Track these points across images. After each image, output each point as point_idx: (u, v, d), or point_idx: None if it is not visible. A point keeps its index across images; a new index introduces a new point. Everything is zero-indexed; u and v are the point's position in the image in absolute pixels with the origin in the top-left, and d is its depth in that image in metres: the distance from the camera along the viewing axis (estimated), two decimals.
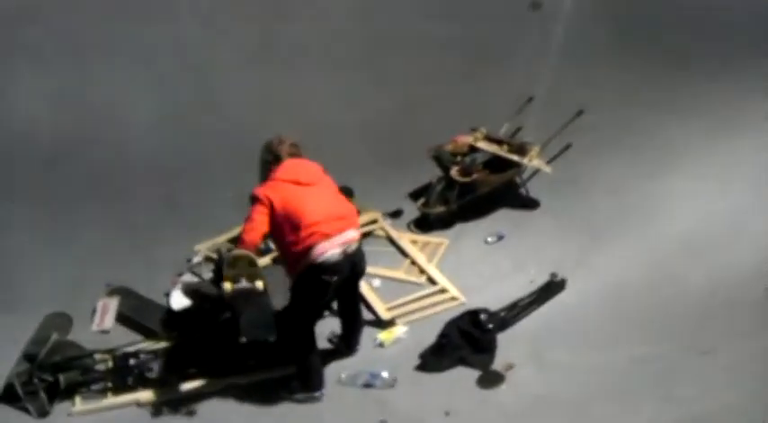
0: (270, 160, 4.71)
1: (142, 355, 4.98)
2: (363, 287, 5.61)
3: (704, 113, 6.38)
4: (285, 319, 4.77)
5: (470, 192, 6.26)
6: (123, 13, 6.98)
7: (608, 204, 6.05)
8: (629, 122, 6.52)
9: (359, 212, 6.00)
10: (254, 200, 4.56)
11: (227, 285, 4.52)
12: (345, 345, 5.15)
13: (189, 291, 5.34)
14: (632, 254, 5.55)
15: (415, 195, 6.58)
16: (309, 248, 4.47)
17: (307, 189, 4.57)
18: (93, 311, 5.47)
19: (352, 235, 4.64)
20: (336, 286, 4.65)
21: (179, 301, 5.28)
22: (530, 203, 6.36)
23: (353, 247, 4.64)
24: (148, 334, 5.27)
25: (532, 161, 6.25)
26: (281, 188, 4.55)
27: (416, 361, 5.02)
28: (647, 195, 5.97)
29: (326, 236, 4.48)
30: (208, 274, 5.60)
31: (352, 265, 4.68)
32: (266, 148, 4.75)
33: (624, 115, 6.55)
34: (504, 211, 6.38)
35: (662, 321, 4.94)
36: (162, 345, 5.14)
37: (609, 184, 6.18)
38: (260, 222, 4.51)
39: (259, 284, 4.58)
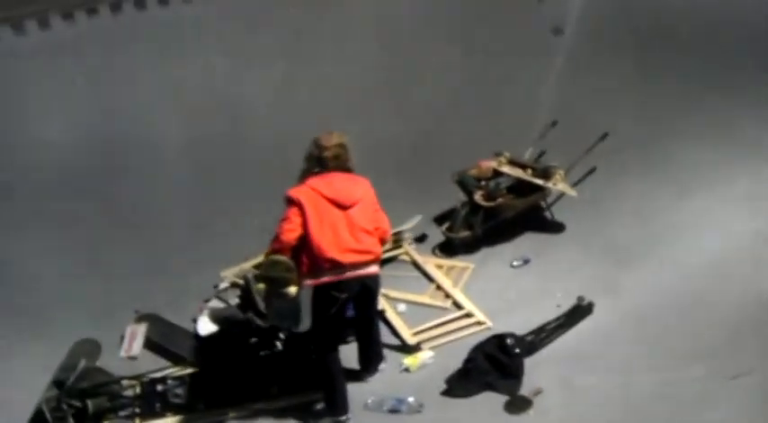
0: (315, 155, 4.67)
1: (169, 382, 5.00)
2: (389, 312, 5.65)
3: (729, 137, 6.34)
4: (309, 342, 4.79)
5: (495, 216, 6.27)
6: (152, 44, 7.11)
7: (633, 227, 6.01)
8: (653, 145, 6.51)
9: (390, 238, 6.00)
10: (290, 201, 4.57)
11: (261, 286, 4.61)
12: (362, 367, 5.13)
13: (216, 317, 5.40)
14: (659, 277, 5.50)
15: (439, 220, 6.60)
16: (317, 273, 4.51)
17: (339, 214, 4.55)
18: (122, 338, 5.53)
19: (368, 270, 4.65)
20: (344, 303, 4.65)
21: (206, 326, 5.33)
22: (555, 227, 6.35)
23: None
24: (176, 360, 5.30)
25: (557, 185, 6.24)
26: (316, 202, 4.54)
27: (443, 386, 4.99)
28: (672, 218, 5.93)
29: (337, 267, 4.51)
30: (234, 299, 5.67)
31: (362, 286, 4.68)
32: (314, 143, 4.72)
33: (648, 138, 6.54)
34: (529, 235, 6.37)
35: (690, 345, 4.87)
36: (189, 371, 5.17)
37: (634, 207, 6.15)
38: (297, 224, 4.52)
39: (292, 290, 4.62)
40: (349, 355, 5.12)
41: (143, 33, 7.16)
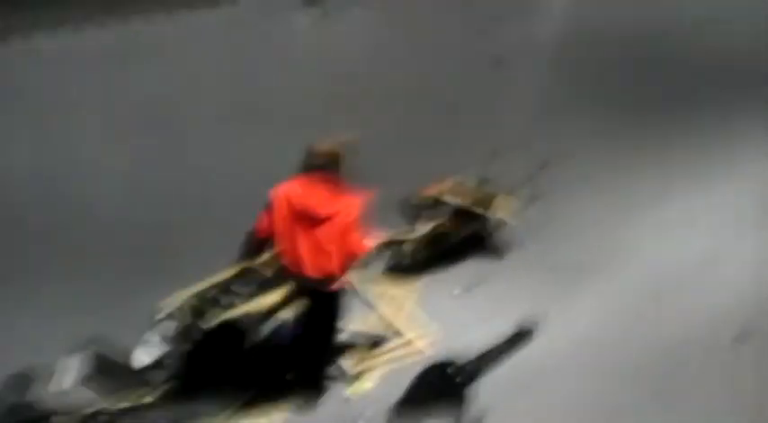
0: (307, 161, 4.71)
1: (103, 416, 4.87)
2: None
3: (670, 161, 6.49)
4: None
5: (438, 242, 6.26)
6: (90, 68, 7.01)
7: (577, 250, 6.10)
8: (597, 167, 6.61)
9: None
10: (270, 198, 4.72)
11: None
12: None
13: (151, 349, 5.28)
14: (603, 300, 5.59)
15: (384, 245, 6.56)
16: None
17: (304, 228, 4.63)
18: (54, 371, 5.34)
19: (319, 287, 4.71)
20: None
21: (142, 358, 5.19)
22: (498, 252, 6.37)
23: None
24: (110, 393, 5.14)
25: (497, 213, 6.28)
26: (285, 210, 4.67)
27: (386, 415, 4.96)
28: (614, 240, 6.05)
29: (293, 273, 4.80)
30: (172, 330, 5.53)
31: (314, 297, 4.85)
32: (308, 148, 4.76)
33: (591, 162, 6.65)
34: (473, 260, 6.38)
35: (633, 368, 4.96)
36: (123, 405, 5.02)
37: (578, 229, 6.24)
38: (265, 221, 4.81)
39: None
40: None
41: (82, 54, 7.08)
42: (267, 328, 5.58)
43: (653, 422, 4.57)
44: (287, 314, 5.27)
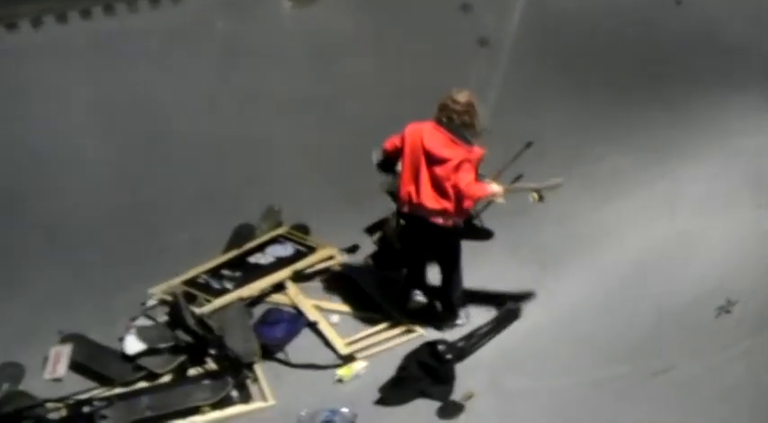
0: (444, 103, 5.14)
1: (96, 403, 4.89)
2: (322, 323, 5.64)
3: (650, 143, 6.53)
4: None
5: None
6: (75, 57, 6.98)
7: (559, 233, 6.13)
8: (576, 152, 6.65)
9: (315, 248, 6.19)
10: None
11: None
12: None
13: (144, 335, 5.32)
14: (584, 280, 5.64)
15: (370, 230, 6.61)
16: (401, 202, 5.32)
17: (425, 164, 5.12)
18: (46, 360, 5.37)
19: (435, 219, 5.17)
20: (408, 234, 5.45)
21: (133, 345, 5.23)
22: (484, 234, 6.41)
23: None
24: (102, 381, 5.18)
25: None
26: (415, 143, 5.16)
27: (376, 395, 5.02)
28: (596, 223, 6.08)
29: (410, 203, 5.23)
30: (163, 317, 5.58)
31: (428, 229, 5.22)
32: (447, 94, 5.18)
33: (572, 145, 6.69)
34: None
35: (615, 344, 5.03)
36: (116, 391, 5.06)
37: (559, 212, 6.25)
38: (394, 144, 5.35)
39: None
40: None
41: (66, 47, 7.04)
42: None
43: (638, 397, 4.63)
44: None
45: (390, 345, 5.47)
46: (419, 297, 5.64)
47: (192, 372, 5.27)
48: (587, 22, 7.55)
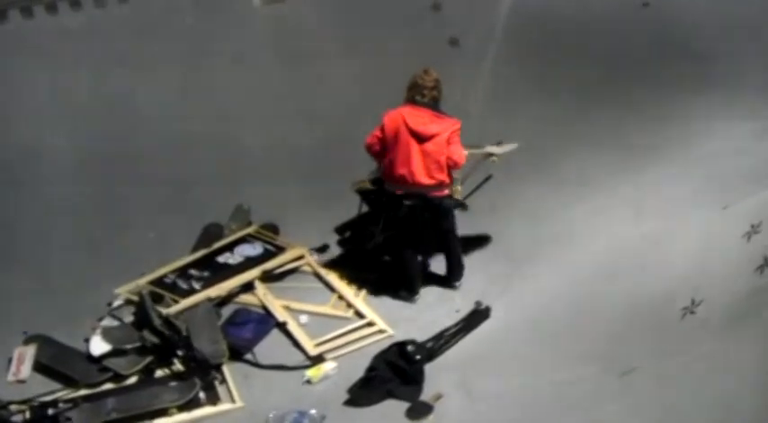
0: (415, 82, 5.40)
1: (60, 405, 4.82)
2: (291, 324, 5.61)
3: (615, 144, 6.61)
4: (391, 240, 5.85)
5: (395, 225, 6.28)
6: (40, 52, 6.86)
7: (527, 232, 6.17)
8: (543, 153, 6.70)
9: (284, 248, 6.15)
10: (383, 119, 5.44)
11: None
12: (448, 276, 5.91)
13: (109, 335, 5.25)
14: (552, 279, 5.68)
15: (340, 230, 6.59)
16: (391, 184, 5.52)
17: (415, 144, 5.34)
18: (9, 361, 5.27)
19: (433, 192, 5.46)
20: (409, 214, 5.53)
21: (99, 346, 5.16)
22: (463, 205, 6.37)
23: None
24: (67, 382, 5.10)
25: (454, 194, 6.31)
26: (398, 127, 5.36)
27: (345, 396, 5.01)
28: (563, 223, 6.12)
29: (405, 182, 5.42)
30: (129, 317, 5.51)
31: (428, 203, 5.48)
32: (417, 74, 5.44)
33: (540, 146, 6.72)
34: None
35: (583, 345, 5.07)
36: (81, 393, 4.99)
37: (527, 212, 6.33)
38: (376, 138, 5.50)
39: None
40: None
41: (31, 42, 6.92)
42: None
43: (607, 397, 4.68)
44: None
45: (360, 345, 5.46)
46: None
47: (159, 373, 5.21)
48: (556, 24, 7.61)
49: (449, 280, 5.91)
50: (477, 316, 5.52)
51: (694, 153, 6.14)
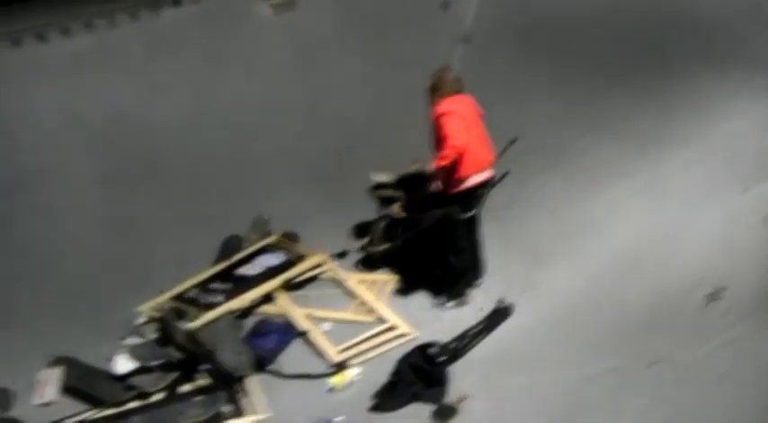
0: (439, 83, 5.49)
1: None
2: (314, 332, 5.59)
3: (633, 132, 6.47)
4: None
5: (414, 226, 6.25)
6: (55, 74, 6.94)
7: (547, 226, 6.10)
8: (560, 145, 6.60)
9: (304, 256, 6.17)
10: (443, 115, 5.31)
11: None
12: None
13: (134, 353, 5.28)
14: (574, 273, 5.60)
15: (358, 233, 6.56)
16: (469, 176, 5.43)
17: (477, 120, 5.47)
18: (35, 384, 5.33)
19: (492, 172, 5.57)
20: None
21: (123, 365, 5.20)
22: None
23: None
24: (94, 402, 5.14)
25: None
26: (468, 114, 5.41)
27: (371, 402, 4.99)
28: (583, 215, 6.03)
29: (485, 168, 5.50)
30: (152, 334, 5.54)
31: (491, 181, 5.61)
32: (436, 76, 5.55)
33: (556, 138, 6.64)
34: None
35: (608, 337, 4.98)
36: (108, 413, 5.02)
37: (547, 206, 6.24)
38: (462, 129, 5.31)
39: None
40: None
41: (46, 64, 7.00)
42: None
43: (635, 389, 4.59)
44: None
45: (383, 349, 5.43)
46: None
47: (184, 388, 5.23)
48: (567, 15, 7.48)
49: (476, 277, 5.83)
50: (500, 314, 5.46)
51: (711, 136, 5.99)
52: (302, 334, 5.61)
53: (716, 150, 5.84)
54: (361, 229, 6.54)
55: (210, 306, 5.73)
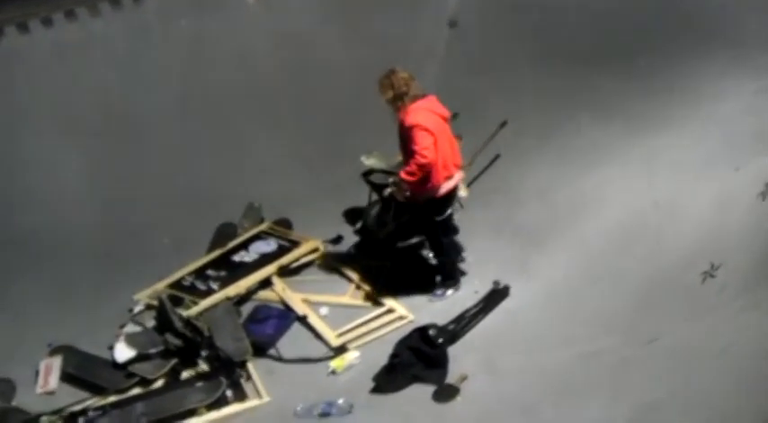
0: (401, 92, 5.19)
1: (90, 413, 4.87)
2: (311, 317, 5.63)
3: (622, 113, 6.53)
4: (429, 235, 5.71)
5: (407, 210, 6.29)
6: (39, 66, 6.86)
7: (539, 208, 6.14)
8: (550, 127, 6.65)
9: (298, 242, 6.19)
10: (414, 128, 5.10)
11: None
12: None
13: (133, 341, 5.29)
14: (568, 253, 5.66)
15: (351, 218, 6.60)
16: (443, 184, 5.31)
17: (445, 126, 5.31)
18: (36, 373, 5.33)
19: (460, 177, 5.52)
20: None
21: (123, 352, 5.20)
22: (465, 216, 6.40)
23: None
24: (95, 390, 5.15)
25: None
26: (436, 121, 5.20)
27: (371, 384, 5.02)
28: (575, 195, 6.07)
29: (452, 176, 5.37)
30: (150, 322, 5.54)
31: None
32: (394, 81, 5.24)
33: (546, 120, 6.69)
34: None
35: (605, 316, 5.05)
36: (110, 399, 5.03)
37: (538, 188, 6.29)
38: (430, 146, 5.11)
39: None
40: None
41: (30, 56, 6.92)
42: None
43: (635, 366, 4.65)
44: None
45: (381, 333, 5.48)
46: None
47: (185, 374, 5.25)
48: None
49: (458, 253, 5.86)
50: (497, 295, 5.52)
51: (702, 116, 6.06)
52: (301, 318, 5.64)
53: (706, 130, 5.92)
54: (355, 213, 6.58)
55: (207, 293, 5.76)
